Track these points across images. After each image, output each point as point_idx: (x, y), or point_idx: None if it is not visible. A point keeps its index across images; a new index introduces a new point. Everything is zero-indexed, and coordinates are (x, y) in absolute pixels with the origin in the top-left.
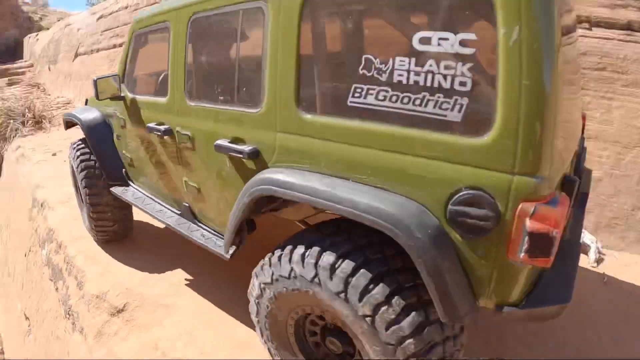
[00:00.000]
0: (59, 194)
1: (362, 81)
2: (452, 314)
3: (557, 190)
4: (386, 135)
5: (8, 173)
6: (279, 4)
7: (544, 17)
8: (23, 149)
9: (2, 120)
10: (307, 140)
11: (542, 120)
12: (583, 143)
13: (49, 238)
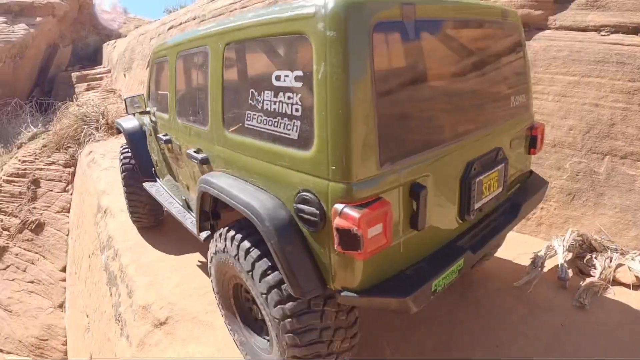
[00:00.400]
0: (121, 201)
1: (250, 109)
2: (298, 290)
3: (390, 194)
4: (262, 149)
5: (80, 176)
6: (214, 48)
7: (345, 57)
8: (94, 154)
9: (77, 125)
10: (229, 152)
11: (345, 139)
12: (501, 154)
13: (108, 245)
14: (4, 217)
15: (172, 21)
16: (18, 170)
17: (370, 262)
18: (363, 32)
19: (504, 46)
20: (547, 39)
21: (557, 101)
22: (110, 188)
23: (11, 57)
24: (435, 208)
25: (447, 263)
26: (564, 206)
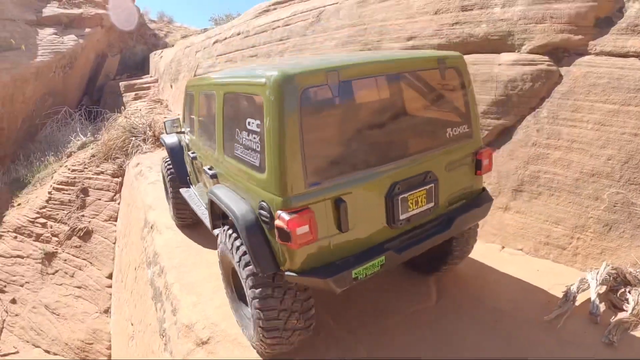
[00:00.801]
0: (167, 218)
1: (236, 142)
2: (259, 268)
3: (324, 207)
4: (242, 170)
5: (128, 187)
6: (218, 94)
7: (280, 114)
8: (142, 166)
9: (125, 136)
10: (226, 171)
11: (282, 169)
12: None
13: (154, 261)
14: (54, 224)
15: (217, 35)
16: (68, 179)
17: (303, 251)
18: (293, 96)
19: (439, 87)
20: (586, 65)
21: (596, 130)
22: (156, 203)
23: (61, 68)
24: (363, 216)
25: (368, 258)
26: (601, 237)
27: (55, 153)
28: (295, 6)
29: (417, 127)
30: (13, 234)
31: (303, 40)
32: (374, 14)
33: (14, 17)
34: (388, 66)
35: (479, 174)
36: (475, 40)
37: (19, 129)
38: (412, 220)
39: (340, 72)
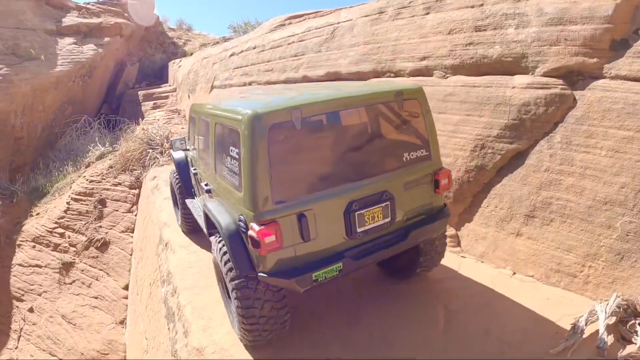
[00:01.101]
0: (181, 236)
1: (223, 165)
2: (238, 270)
3: (290, 221)
4: (227, 188)
5: (144, 200)
6: (212, 122)
7: (252, 145)
8: (158, 180)
9: (143, 148)
10: (217, 187)
11: (253, 190)
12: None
13: (168, 280)
14: (72, 234)
15: (233, 47)
16: (86, 190)
17: (272, 256)
18: (262, 131)
19: (397, 116)
20: (601, 89)
21: (610, 157)
22: (171, 220)
23: (80, 77)
24: (324, 228)
25: (328, 264)
26: (612, 266)
27: (74, 162)
28: (309, 22)
29: (374, 152)
30: (31, 243)
31: (317, 57)
32: (387, 33)
33: (34, 26)
34: (347, 102)
35: (438, 192)
36: (488, 61)
37: (38, 137)
38: (369, 233)
39: (303, 110)
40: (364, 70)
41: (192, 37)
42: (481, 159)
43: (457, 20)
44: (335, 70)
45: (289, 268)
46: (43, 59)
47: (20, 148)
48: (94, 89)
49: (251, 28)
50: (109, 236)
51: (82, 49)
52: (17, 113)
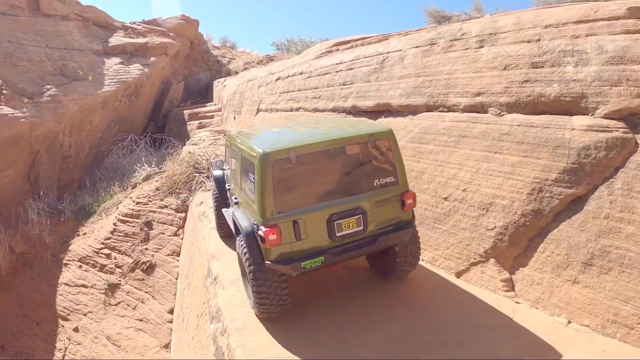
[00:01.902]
0: (231, 271)
1: (246, 184)
2: (252, 259)
3: (287, 225)
4: (247, 201)
5: (191, 226)
6: (239, 153)
7: (262, 174)
8: (205, 206)
9: (189, 172)
10: (242, 200)
11: (262, 204)
12: (360, 209)
13: (217, 317)
14: (118, 255)
15: (279, 72)
16: (132, 211)
17: (274, 250)
18: (268, 165)
19: (368, 152)
20: None
21: None
22: (220, 252)
23: (127, 96)
24: (311, 232)
25: (313, 257)
26: None
27: (120, 182)
28: (357, 50)
29: (351, 178)
30: (78, 263)
31: (366, 87)
32: (440, 66)
33: (81, 47)
34: (330, 143)
35: (404, 209)
36: (546, 100)
37: (85, 155)
38: (346, 237)
39: (297, 150)
40: (415, 104)
41: (236, 55)
42: (538, 202)
43: (512, 55)
44: (385, 102)
45: (286, 258)
46: (91, 80)
47: (67, 166)
48: (140, 108)
49: (294, 46)
50: (155, 259)
51: (129, 69)
52: (65, 132)
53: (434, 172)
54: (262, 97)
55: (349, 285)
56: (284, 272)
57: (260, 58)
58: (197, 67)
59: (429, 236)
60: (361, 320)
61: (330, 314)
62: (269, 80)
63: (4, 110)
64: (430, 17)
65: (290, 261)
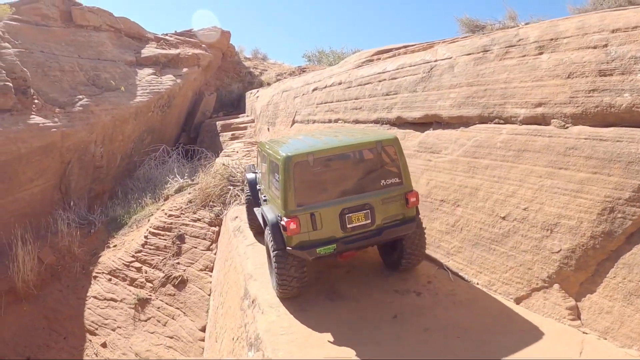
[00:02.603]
0: (271, 293)
1: (272, 183)
2: (276, 245)
3: (305, 217)
4: (274, 197)
5: (225, 241)
6: (268, 157)
7: (285, 173)
8: (240, 220)
9: (223, 184)
10: (269, 197)
11: (285, 199)
12: (368, 205)
13: (256, 345)
14: (149, 269)
15: (316, 82)
16: (164, 224)
17: (295, 238)
18: (291, 166)
19: (377, 156)
20: None
21: None
22: (258, 272)
23: (160, 107)
24: (326, 223)
25: (327, 244)
26: None
27: (152, 193)
28: (401, 58)
29: (361, 178)
30: (108, 276)
31: (413, 97)
32: (495, 74)
33: (113, 57)
34: (343, 149)
35: (409, 206)
36: (616, 111)
37: (117, 166)
38: (355, 229)
39: (314, 154)
40: (468, 115)
41: (267, 67)
42: (609, 223)
43: (577, 62)
44: (434, 112)
45: (304, 245)
46: (123, 90)
47: (99, 176)
48: (172, 119)
49: (325, 57)
50: (186, 274)
51: (161, 80)
52: (97, 142)
53: (490, 189)
54: (297, 109)
55: (410, 315)
56: (302, 257)
57: (292, 69)
58: (229, 78)
59: (485, 258)
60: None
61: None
62: (305, 91)
63: (35, 119)
64: (464, 26)
65: (308, 247)
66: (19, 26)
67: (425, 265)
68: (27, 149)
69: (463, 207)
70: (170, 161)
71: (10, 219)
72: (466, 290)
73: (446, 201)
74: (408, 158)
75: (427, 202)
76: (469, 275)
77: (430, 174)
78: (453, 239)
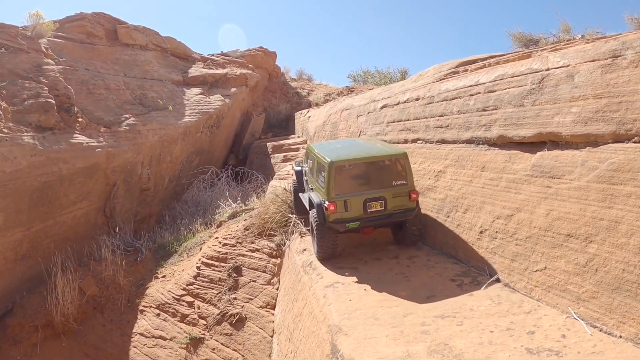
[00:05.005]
0: (376, 356)
1: (319, 177)
2: (319, 219)
3: (340, 202)
4: (320, 188)
5: (292, 277)
6: (313, 159)
7: (329, 173)
8: (309, 254)
9: (284, 211)
10: (315, 187)
11: (328, 190)
12: (383, 197)
13: None
14: (202, 304)
15: (385, 99)
16: (219, 254)
17: (332, 215)
18: (334, 168)
19: (391, 164)
20: None
21: None
22: (350, 324)
23: (208, 127)
24: (354, 207)
25: (353, 221)
26: None
27: (203, 218)
28: (498, 69)
29: (379, 180)
30: (156, 311)
31: (520, 113)
32: (630, 84)
33: (160, 77)
34: (369, 159)
35: (411, 200)
36: None
37: (165, 188)
38: (374, 213)
39: (349, 161)
40: (596, 133)
41: (314, 87)
42: None
43: None
44: (550, 130)
45: (338, 221)
46: (171, 109)
47: (145, 199)
48: (221, 140)
49: (371, 77)
50: (245, 311)
51: (210, 99)
52: (144, 163)
53: (636, 223)
54: (362, 128)
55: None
56: (336, 229)
57: (339, 90)
58: (276, 99)
59: (630, 306)
60: None
61: None
62: (371, 109)
63: (78, 138)
64: (517, 41)
65: (340, 222)
66: (63, 43)
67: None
68: (69, 169)
69: (598, 244)
70: (220, 184)
71: (50, 244)
72: (610, 346)
73: (574, 236)
74: (517, 184)
75: (547, 237)
76: (608, 326)
77: (550, 203)
78: (585, 281)
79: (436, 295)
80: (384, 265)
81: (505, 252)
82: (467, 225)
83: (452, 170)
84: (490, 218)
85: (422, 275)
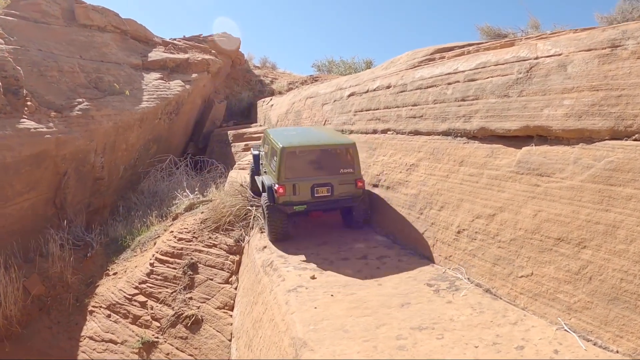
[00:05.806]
0: None
1: (271, 161)
2: (269, 201)
3: (290, 185)
4: (271, 172)
5: (251, 277)
6: (269, 144)
7: (280, 158)
8: (270, 251)
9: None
10: (268, 170)
11: (278, 174)
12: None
13: None
14: (155, 305)
15: (352, 87)
16: (173, 250)
17: (281, 198)
18: (285, 153)
19: (340, 153)
20: None
21: None
22: (316, 338)
23: (167, 114)
24: (302, 192)
25: (300, 204)
26: None
27: (158, 209)
28: (480, 56)
29: (328, 167)
30: (106, 311)
31: (504, 104)
32: (631, 76)
33: (118, 60)
34: (318, 146)
35: (357, 188)
36: None
37: (120, 177)
38: (320, 198)
39: (299, 148)
40: (592, 128)
41: (277, 75)
42: None
43: None
44: (538, 124)
45: (287, 203)
46: (128, 94)
47: (99, 189)
48: (180, 127)
49: (335, 67)
50: (201, 312)
51: (169, 85)
52: (97, 151)
53: (636, 228)
54: (327, 117)
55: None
56: (284, 210)
57: (303, 78)
58: (238, 86)
59: (629, 318)
60: None
61: None
62: (337, 97)
63: (26, 123)
64: (485, 35)
65: (288, 205)
66: (16, 22)
67: None
68: (14, 157)
69: (593, 250)
70: (178, 173)
71: None
72: None
73: (565, 240)
74: (501, 181)
75: (534, 241)
76: (603, 339)
77: (538, 204)
78: (577, 290)
79: (411, 302)
80: (351, 267)
81: (486, 254)
82: (442, 224)
83: (426, 164)
84: (469, 217)
85: (395, 278)
